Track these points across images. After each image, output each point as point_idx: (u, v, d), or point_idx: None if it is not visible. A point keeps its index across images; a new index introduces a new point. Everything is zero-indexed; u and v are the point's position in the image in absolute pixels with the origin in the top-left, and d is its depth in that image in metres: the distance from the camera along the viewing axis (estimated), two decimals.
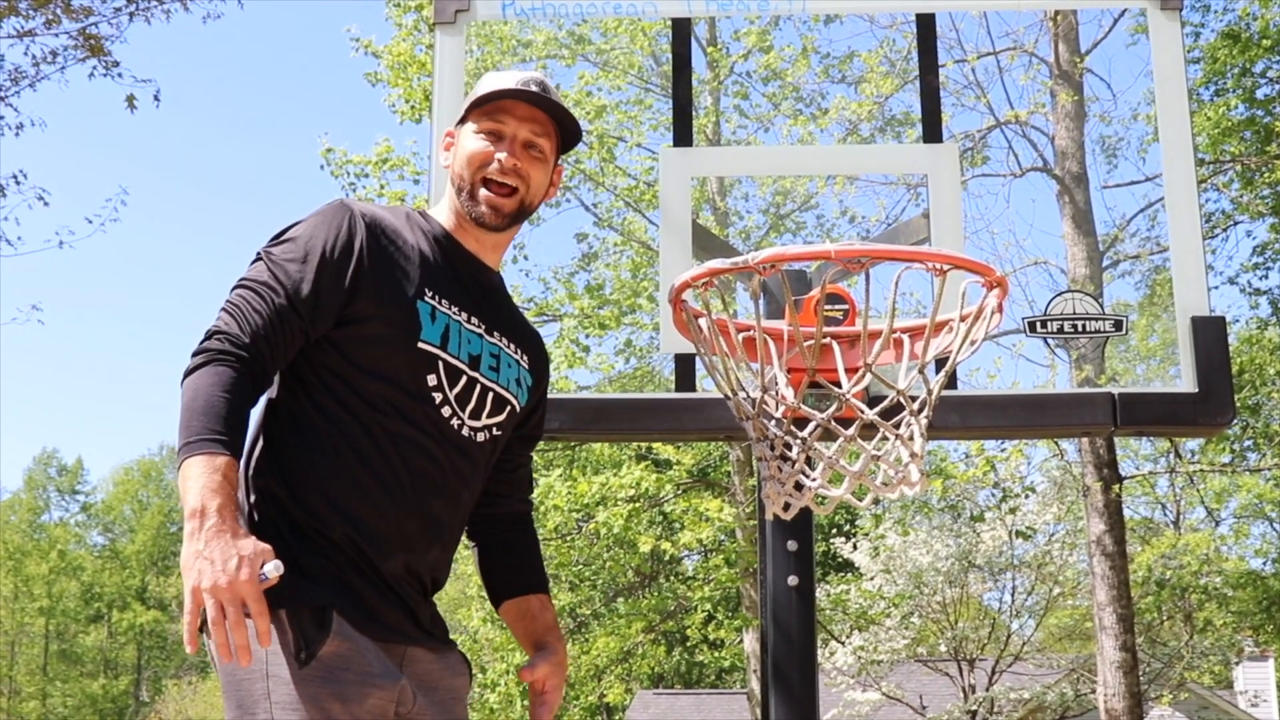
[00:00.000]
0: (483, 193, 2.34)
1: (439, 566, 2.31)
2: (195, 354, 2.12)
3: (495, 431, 2.35)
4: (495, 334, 2.37)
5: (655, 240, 12.80)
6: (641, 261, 14.08)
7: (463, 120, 2.40)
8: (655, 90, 14.70)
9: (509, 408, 2.37)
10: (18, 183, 11.74)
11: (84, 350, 78.00)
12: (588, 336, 13.78)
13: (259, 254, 2.24)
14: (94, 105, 70.30)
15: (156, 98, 11.77)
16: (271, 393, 2.27)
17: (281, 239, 2.25)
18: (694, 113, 4.09)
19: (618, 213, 14.62)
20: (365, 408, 2.20)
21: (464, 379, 2.28)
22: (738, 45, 14.99)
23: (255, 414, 2.26)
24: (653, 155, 14.05)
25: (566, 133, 2.42)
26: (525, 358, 2.44)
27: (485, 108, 2.36)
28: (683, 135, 4.00)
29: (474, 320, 2.33)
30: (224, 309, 2.18)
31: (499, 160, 2.33)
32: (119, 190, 15.82)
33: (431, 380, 2.24)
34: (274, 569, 1.98)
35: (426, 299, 2.26)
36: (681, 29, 4.15)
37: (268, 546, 2.00)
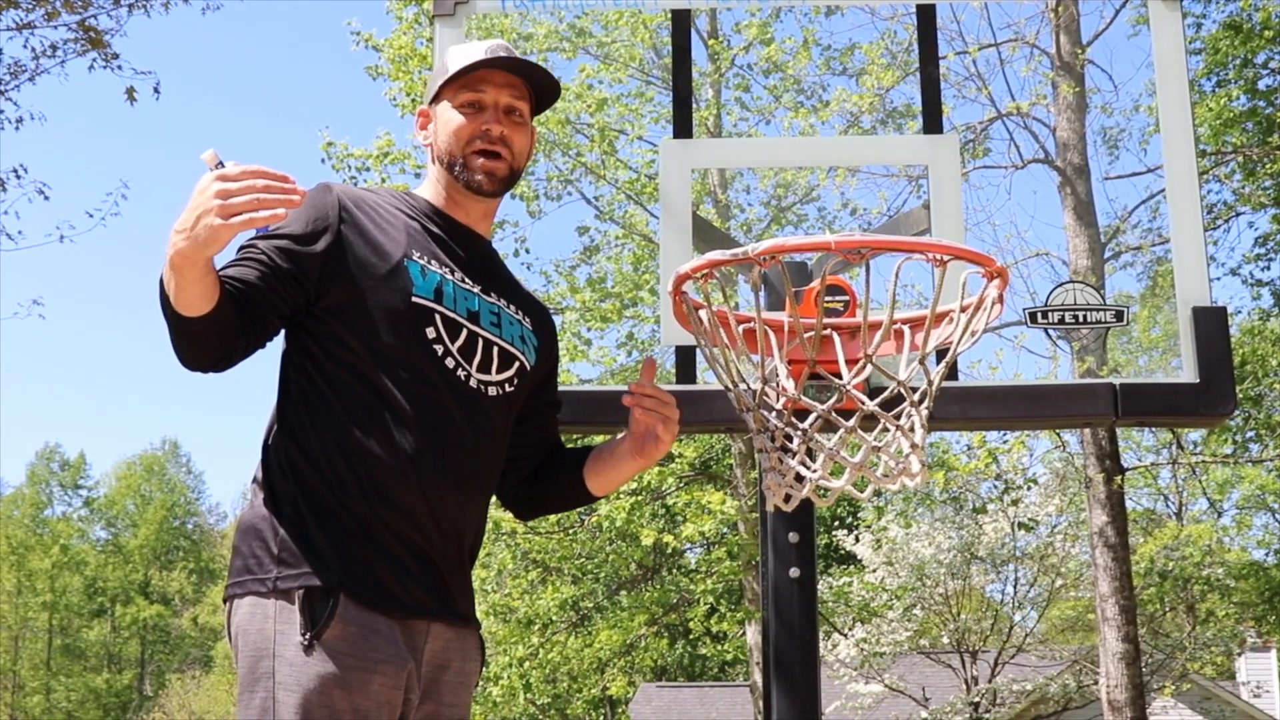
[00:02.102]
0: (477, 160, 2.37)
1: (469, 521, 2.31)
2: None
3: (508, 388, 2.36)
4: (492, 295, 2.39)
5: (657, 233, 12.79)
6: (643, 254, 14.08)
7: (436, 98, 2.42)
8: (656, 83, 14.68)
9: (517, 364, 2.38)
10: (18, 177, 11.70)
11: (85, 345, 78.13)
12: (589, 330, 13.79)
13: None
14: (94, 98, 70.34)
15: (156, 90, 11.73)
16: (282, 375, 2.31)
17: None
18: (695, 105, 4.09)
19: (619, 206, 14.61)
20: (371, 371, 2.22)
21: (465, 332, 2.30)
22: (739, 38, 14.98)
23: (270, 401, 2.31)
24: (654, 148, 14.03)
25: (541, 91, 2.45)
26: (528, 320, 2.46)
27: (461, 81, 2.38)
28: (683, 128, 3.99)
29: (468, 280, 2.36)
30: None
31: (487, 131, 2.36)
32: (119, 184, 15.73)
33: (430, 333, 2.26)
34: (210, 156, 2.05)
35: (415, 259, 2.29)
36: (682, 21, 4.14)
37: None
